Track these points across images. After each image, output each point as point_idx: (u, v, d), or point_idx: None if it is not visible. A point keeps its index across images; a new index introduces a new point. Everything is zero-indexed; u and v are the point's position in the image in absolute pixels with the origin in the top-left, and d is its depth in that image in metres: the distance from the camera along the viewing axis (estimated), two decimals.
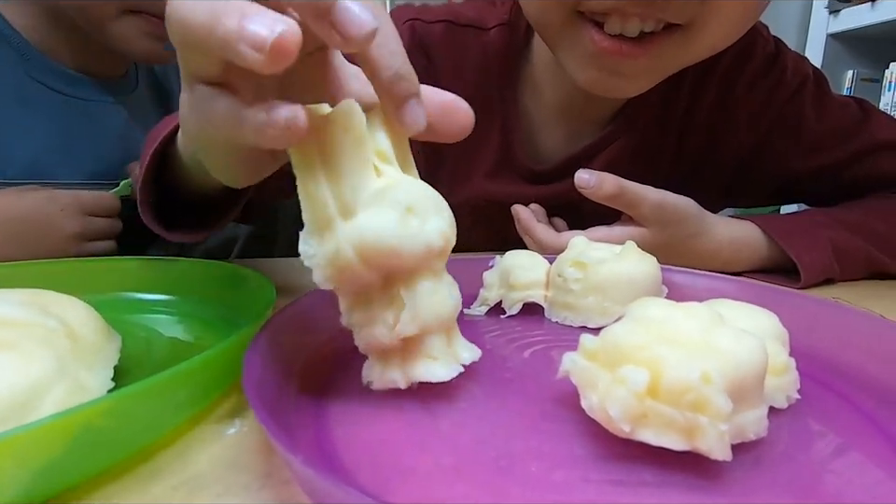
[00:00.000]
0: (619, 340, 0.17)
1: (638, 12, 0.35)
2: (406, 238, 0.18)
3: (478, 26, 0.49)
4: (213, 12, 0.16)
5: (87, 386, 0.18)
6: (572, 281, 0.29)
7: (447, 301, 0.20)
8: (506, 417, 0.20)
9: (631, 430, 0.16)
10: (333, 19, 0.16)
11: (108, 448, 0.16)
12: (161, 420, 0.18)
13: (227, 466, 0.18)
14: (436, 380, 0.20)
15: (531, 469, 0.16)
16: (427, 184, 0.20)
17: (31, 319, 0.19)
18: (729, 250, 0.44)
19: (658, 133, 0.50)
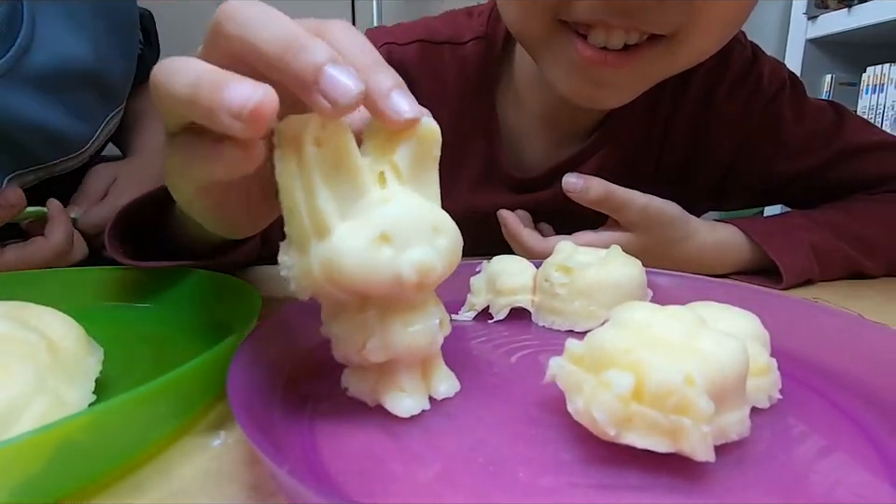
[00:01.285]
0: (604, 344, 0.17)
1: (622, 25, 0.35)
2: (371, 268, 0.17)
3: (454, 41, 0.49)
4: (195, 83, 0.17)
5: (67, 401, 0.18)
6: (558, 285, 0.29)
7: (421, 336, 0.19)
8: (493, 423, 0.20)
9: (616, 434, 0.16)
10: (320, 89, 0.16)
11: (89, 463, 0.16)
12: (144, 433, 0.18)
13: (212, 478, 0.18)
14: (398, 413, 0.19)
15: (519, 475, 0.16)
16: (434, 206, 0.20)
17: (10, 333, 0.19)
18: (712, 253, 0.45)
19: (641, 141, 0.51)
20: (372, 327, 0.19)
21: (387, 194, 0.19)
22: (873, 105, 1.38)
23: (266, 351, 0.21)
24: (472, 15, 0.52)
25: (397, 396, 0.20)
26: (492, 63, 0.49)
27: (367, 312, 0.19)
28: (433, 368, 0.21)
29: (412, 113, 0.19)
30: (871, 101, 1.38)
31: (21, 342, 0.19)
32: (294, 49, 0.17)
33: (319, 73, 0.16)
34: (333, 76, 0.16)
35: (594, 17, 0.35)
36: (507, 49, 0.50)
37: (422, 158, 0.20)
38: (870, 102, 1.39)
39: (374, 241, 0.18)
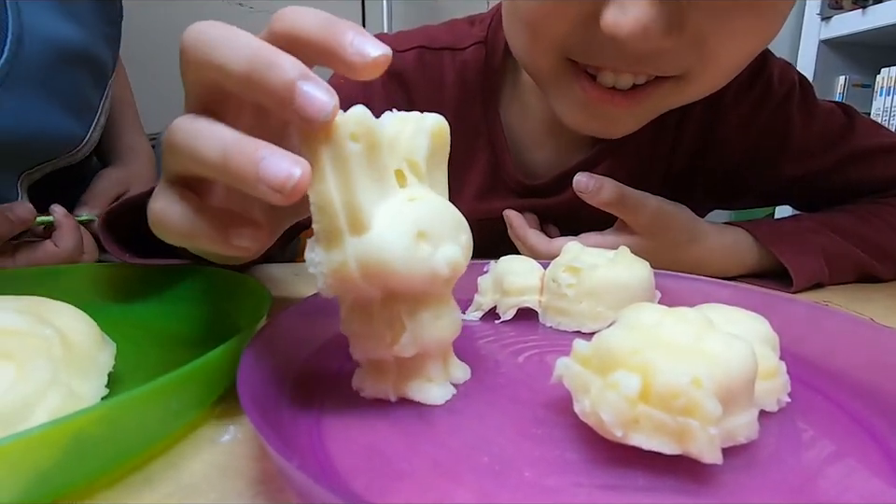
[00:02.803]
0: (611, 345, 0.17)
1: (632, 70, 0.35)
2: (413, 264, 0.18)
3: (453, 47, 0.49)
4: (224, 152, 0.17)
5: (80, 394, 0.18)
6: (566, 286, 0.29)
7: (449, 328, 0.21)
8: (499, 422, 0.20)
9: (623, 435, 0.16)
10: (296, 107, 0.16)
11: (101, 456, 0.16)
12: (155, 428, 0.18)
13: (221, 473, 0.18)
14: (430, 402, 0.20)
15: (524, 475, 0.16)
16: (451, 204, 0.20)
17: (26, 328, 0.19)
18: (720, 257, 0.45)
19: (650, 148, 0.51)
20: (403, 322, 0.20)
21: (412, 193, 0.19)
22: (887, 107, 1.36)
23: (275, 348, 0.22)
24: (474, 23, 0.52)
25: (426, 386, 0.21)
26: (493, 68, 0.49)
27: (395, 308, 0.20)
28: (448, 356, 0.22)
29: (378, 51, 0.18)
30: (885, 103, 1.37)
31: (36, 336, 0.19)
32: (262, 67, 0.17)
33: (292, 91, 0.16)
34: (307, 93, 0.16)
35: (601, 61, 0.35)
36: (509, 55, 0.50)
37: (436, 155, 0.21)
38: (884, 104, 1.37)
39: (413, 238, 0.18)
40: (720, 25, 0.33)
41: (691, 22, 0.32)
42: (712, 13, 0.32)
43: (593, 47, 0.35)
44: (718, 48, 0.34)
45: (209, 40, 0.18)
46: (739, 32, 0.33)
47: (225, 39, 0.18)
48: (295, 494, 0.16)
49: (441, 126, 0.21)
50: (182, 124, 0.19)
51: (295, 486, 0.15)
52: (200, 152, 0.18)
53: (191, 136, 0.18)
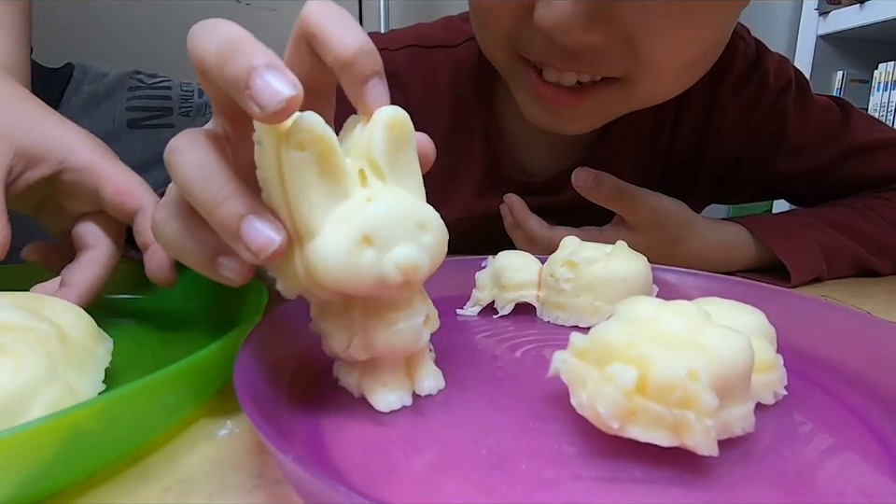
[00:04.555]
0: (607, 338, 0.17)
1: (569, 68, 0.36)
2: (354, 271, 0.17)
3: (446, 45, 0.49)
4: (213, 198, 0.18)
5: (77, 389, 0.18)
6: (563, 281, 0.29)
7: (405, 335, 0.19)
8: (496, 416, 0.20)
9: (620, 427, 0.16)
10: (250, 94, 0.16)
11: (98, 451, 0.16)
12: (152, 422, 0.18)
13: (218, 467, 0.18)
14: (379, 408, 0.20)
15: (521, 467, 0.17)
16: (419, 201, 0.19)
17: (22, 322, 0.19)
18: (718, 252, 0.45)
19: (648, 144, 0.51)
20: (356, 326, 0.19)
21: (370, 193, 0.18)
22: (884, 103, 1.36)
23: (272, 343, 0.22)
24: (466, 20, 0.52)
25: (379, 391, 0.20)
26: (486, 64, 0.49)
27: (351, 311, 0.19)
28: (418, 364, 0.21)
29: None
30: (882, 98, 1.37)
31: (32, 330, 0.19)
32: (229, 52, 0.16)
33: (250, 76, 0.15)
34: (265, 79, 0.15)
35: (541, 57, 0.36)
36: None
37: (397, 149, 0.19)
38: (881, 99, 1.37)
39: (356, 243, 0.17)
40: (648, 27, 0.32)
41: (618, 22, 0.32)
42: (638, 13, 0.32)
43: (532, 42, 0.35)
44: (651, 51, 0.34)
45: (199, 33, 0.18)
46: (670, 35, 0.33)
47: (207, 29, 0.17)
48: (292, 487, 0.16)
49: (397, 117, 0.19)
50: (181, 151, 0.19)
51: (292, 479, 0.15)
52: (190, 192, 0.18)
53: (184, 172, 0.18)
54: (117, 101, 0.61)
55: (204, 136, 0.19)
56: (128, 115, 0.61)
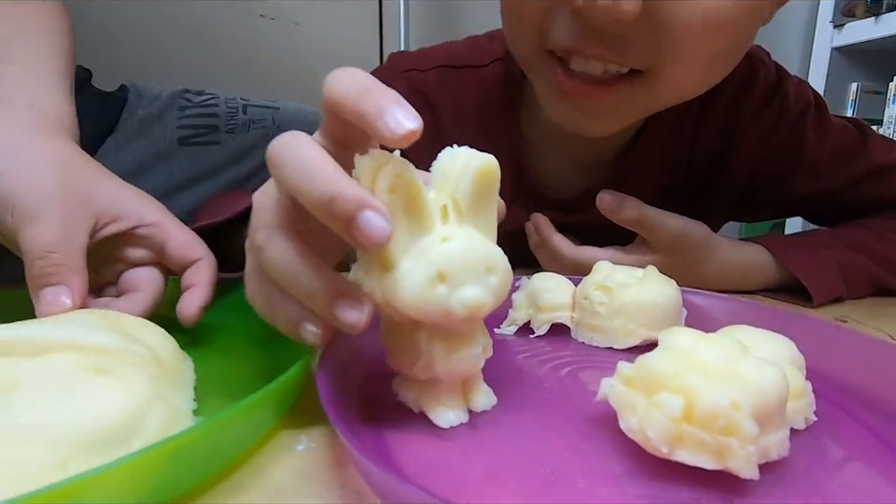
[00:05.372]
0: (653, 368, 0.19)
1: (597, 53, 0.36)
2: (425, 302, 0.19)
3: (474, 65, 0.51)
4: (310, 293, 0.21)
5: (178, 407, 0.20)
6: (598, 304, 0.31)
7: (463, 361, 0.22)
8: (547, 435, 0.22)
9: (669, 451, 0.18)
10: (356, 235, 0.18)
11: (203, 467, 0.19)
12: (245, 439, 0.20)
13: (303, 479, 0.20)
14: (438, 423, 0.22)
15: (577, 484, 0.18)
16: (490, 244, 0.21)
17: (120, 346, 0.21)
18: (738, 273, 0.46)
19: (668, 162, 0.52)
20: (421, 348, 0.21)
21: (447, 232, 0.20)
22: None
23: (342, 362, 0.24)
24: (493, 39, 0.54)
25: (438, 409, 0.22)
26: (512, 84, 0.51)
27: (418, 334, 0.21)
28: (473, 384, 0.23)
29: (409, 125, 0.19)
30: None
31: (131, 353, 0.21)
32: (326, 201, 0.18)
33: (352, 222, 0.18)
34: (366, 222, 0.18)
35: (570, 42, 0.36)
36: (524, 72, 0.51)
37: (481, 192, 0.21)
38: None
39: (431, 278, 0.19)
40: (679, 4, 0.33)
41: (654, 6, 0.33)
42: None
43: (561, 27, 0.36)
44: (679, 36, 0.34)
45: (283, 164, 0.20)
46: (699, 16, 0.33)
47: (295, 164, 0.20)
48: (378, 497, 0.18)
49: (488, 166, 0.21)
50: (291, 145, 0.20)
51: (381, 490, 0.17)
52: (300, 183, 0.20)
53: (299, 163, 0.20)
54: (168, 121, 0.63)
55: (310, 137, 0.21)
56: (178, 133, 0.63)
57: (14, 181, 0.27)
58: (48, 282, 0.26)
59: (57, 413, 0.18)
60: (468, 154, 0.22)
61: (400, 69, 0.52)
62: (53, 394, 0.18)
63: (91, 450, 0.17)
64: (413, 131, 0.19)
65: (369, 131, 0.20)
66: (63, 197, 0.28)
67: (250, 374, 0.27)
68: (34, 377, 0.19)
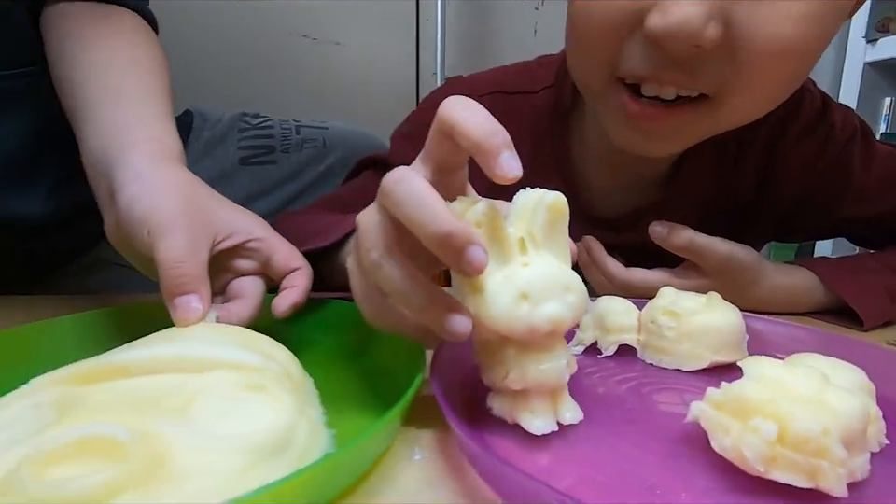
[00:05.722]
0: (745, 394, 0.22)
1: (673, 80, 0.38)
2: (512, 320, 0.22)
3: (526, 91, 0.54)
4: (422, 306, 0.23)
5: (315, 422, 0.23)
6: (666, 328, 0.34)
7: (551, 372, 0.24)
8: (639, 451, 0.24)
9: (765, 470, 0.20)
10: (462, 266, 0.22)
11: (352, 474, 0.21)
12: (377, 452, 0.23)
13: (429, 486, 0.22)
14: (531, 431, 0.24)
15: (682, 496, 0.21)
16: (565, 268, 0.24)
17: (261, 363, 0.24)
18: (785, 296, 0.48)
19: (712, 184, 0.54)
20: (510, 362, 0.24)
21: (527, 259, 0.24)
22: None
23: (446, 379, 0.26)
24: (542, 65, 0.56)
25: (529, 417, 0.25)
26: (561, 110, 0.53)
27: (507, 349, 0.24)
28: (560, 397, 0.26)
29: (516, 172, 0.23)
30: None
31: (270, 370, 0.24)
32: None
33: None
34: (471, 256, 0.21)
35: (645, 71, 0.38)
36: (576, 97, 0.53)
37: (553, 224, 0.25)
38: None
39: (516, 298, 0.22)
40: (760, 28, 0.35)
41: (732, 26, 0.35)
42: (753, 14, 0.34)
43: (635, 55, 0.38)
44: (755, 58, 0.36)
45: (402, 201, 0.23)
46: (778, 38, 0.35)
47: (412, 201, 0.23)
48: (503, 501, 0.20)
49: (558, 202, 0.24)
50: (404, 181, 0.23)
51: (513, 494, 0.20)
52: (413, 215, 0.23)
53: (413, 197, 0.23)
54: (229, 142, 0.68)
55: (417, 172, 0.24)
56: (239, 153, 0.68)
57: (147, 203, 0.31)
58: (181, 290, 0.29)
59: (229, 425, 0.21)
60: (539, 193, 0.25)
61: (458, 94, 0.55)
62: (221, 408, 0.21)
63: (263, 459, 0.20)
64: (516, 177, 0.23)
65: (483, 163, 0.23)
66: (189, 217, 0.31)
67: (343, 386, 0.29)
68: (203, 392, 0.22)
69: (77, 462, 0.17)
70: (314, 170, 0.75)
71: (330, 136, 0.77)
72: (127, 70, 0.40)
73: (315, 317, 0.38)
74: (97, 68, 0.39)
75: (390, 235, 0.25)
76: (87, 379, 0.22)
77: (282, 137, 0.73)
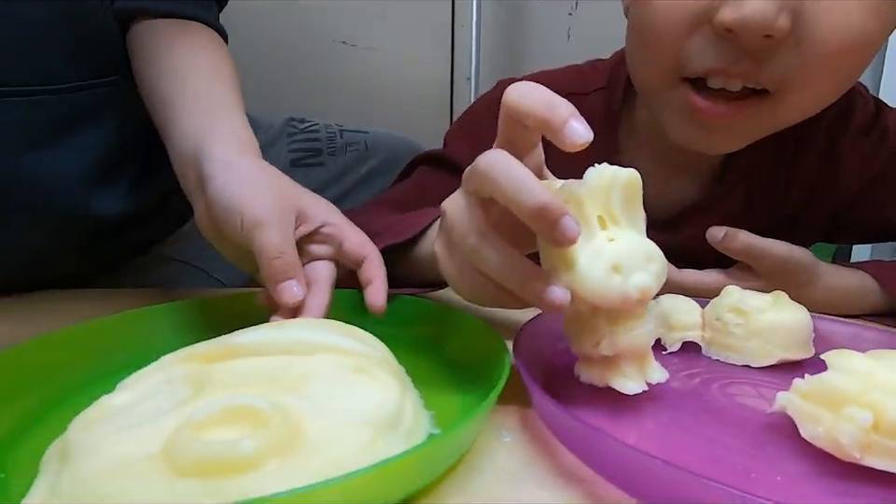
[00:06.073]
0: (836, 385, 0.22)
1: (741, 72, 0.39)
2: (606, 290, 0.24)
3: (577, 92, 0.55)
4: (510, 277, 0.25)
5: (416, 402, 0.25)
6: (733, 325, 0.34)
7: (641, 337, 0.26)
8: (726, 439, 0.25)
9: (860, 456, 0.21)
10: (555, 235, 0.23)
11: (457, 452, 0.23)
12: (477, 431, 0.24)
13: (524, 465, 0.24)
14: (625, 391, 0.26)
15: (777, 480, 0.22)
16: (645, 239, 0.26)
17: (363, 349, 0.26)
18: (841, 298, 0.48)
19: (765, 188, 0.54)
20: (602, 330, 0.26)
21: (611, 234, 0.25)
22: None
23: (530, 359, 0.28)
24: (595, 69, 0.58)
25: (622, 380, 0.27)
26: (612, 112, 0.54)
27: (597, 319, 0.26)
28: (646, 361, 0.28)
29: (585, 137, 0.24)
30: None
31: (373, 356, 0.26)
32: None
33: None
34: (563, 226, 0.23)
35: (714, 65, 0.39)
36: (626, 100, 0.55)
37: (629, 201, 0.26)
38: None
39: (608, 271, 0.24)
40: (828, 19, 0.36)
41: (802, 15, 0.36)
42: (819, 9, 0.36)
43: (703, 51, 0.39)
44: (820, 48, 0.37)
45: (499, 179, 0.24)
46: (844, 29, 0.36)
47: (509, 178, 0.24)
48: (616, 484, 0.21)
49: (632, 178, 0.26)
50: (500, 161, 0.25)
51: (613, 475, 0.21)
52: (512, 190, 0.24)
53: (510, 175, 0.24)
54: (280, 146, 0.70)
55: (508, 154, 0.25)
56: (289, 156, 0.70)
57: (238, 192, 0.33)
58: (285, 277, 0.32)
59: (347, 401, 0.22)
60: (612, 170, 0.26)
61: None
62: (331, 388, 0.23)
63: (381, 434, 0.21)
64: (587, 141, 0.24)
65: (551, 136, 0.25)
66: (280, 207, 0.33)
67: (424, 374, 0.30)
68: (312, 373, 0.23)
69: (225, 429, 0.19)
70: (356, 172, 0.78)
71: (371, 140, 0.79)
72: (208, 75, 0.42)
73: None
74: (182, 73, 0.42)
75: (481, 219, 0.26)
76: (209, 358, 0.24)
77: (327, 140, 0.76)
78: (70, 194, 0.46)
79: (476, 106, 0.61)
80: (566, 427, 0.23)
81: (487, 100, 0.60)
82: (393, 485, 0.20)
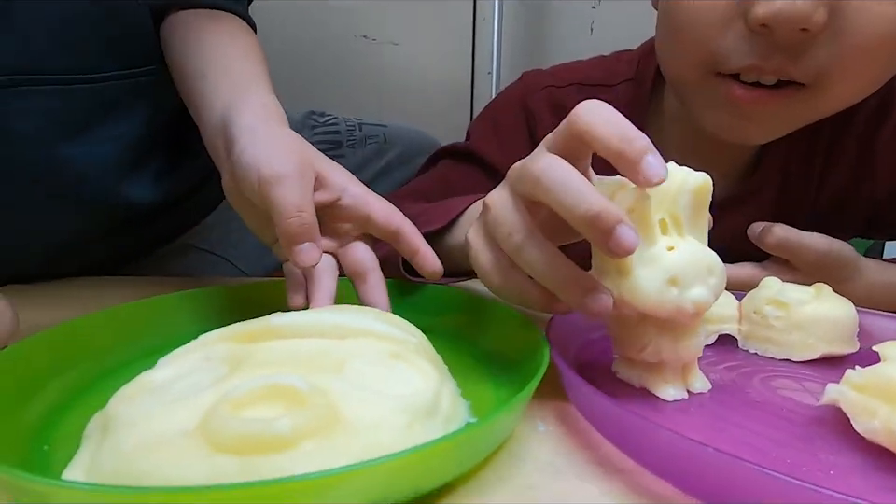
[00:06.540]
0: (893, 376, 0.21)
1: (775, 67, 0.38)
2: (661, 303, 0.23)
3: (604, 84, 0.54)
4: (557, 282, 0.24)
5: (454, 390, 0.24)
6: (773, 318, 0.33)
7: (686, 350, 0.26)
8: (771, 432, 0.24)
9: None
10: (611, 246, 0.22)
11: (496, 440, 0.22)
12: (516, 420, 0.24)
13: (561, 455, 0.23)
14: (665, 398, 0.26)
15: (830, 473, 0.21)
16: (707, 249, 0.25)
17: (402, 336, 0.26)
18: (881, 294, 0.46)
19: (800, 181, 0.53)
20: (651, 337, 0.25)
21: (671, 242, 0.24)
22: None
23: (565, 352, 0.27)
24: (621, 60, 0.57)
25: (662, 385, 0.26)
26: (639, 104, 0.53)
27: (646, 325, 0.25)
28: (691, 368, 0.27)
29: (663, 174, 0.23)
30: None
31: (412, 343, 0.25)
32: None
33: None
34: (619, 236, 0.22)
35: (748, 62, 0.38)
36: (655, 91, 0.53)
37: (697, 207, 0.25)
38: None
39: (665, 283, 0.23)
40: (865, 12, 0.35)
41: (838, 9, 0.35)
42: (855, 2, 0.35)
43: (736, 47, 0.38)
44: (857, 40, 0.36)
45: (554, 184, 0.24)
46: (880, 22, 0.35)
47: (564, 185, 0.23)
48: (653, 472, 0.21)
49: (704, 184, 0.25)
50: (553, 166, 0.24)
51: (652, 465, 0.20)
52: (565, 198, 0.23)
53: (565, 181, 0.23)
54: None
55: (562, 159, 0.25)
56: None
57: (255, 151, 0.32)
58: (303, 238, 0.30)
59: (385, 386, 0.22)
60: (682, 173, 0.25)
61: (539, 85, 0.56)
62: (370, 372, 0.23)
63: (419, 419, 0.21)
64: (662, 180, 0.23)
65: (623, 169, 0.24)
66: (299, 166, 0.32)
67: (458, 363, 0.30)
68: (352, 356, 0.23)
69: (262, 407, 0.19)
70: (375, 165, 0.78)
71: (390, 133, 0.80)
72: (238, 55, 0.43)
73: (412, 301, 0.39)
74: (213, 53, 0.42)
75: (528, 219, 0.25)
76: (249, 338, 0.24)
77: (347, 133, 0.76)
78: (102, 182, 0.47)
79: (499, 100, 0.61)
80: (608, 417, 0.22)
81: (509, 93, 0.59)
82: (431, 471, 0.19)
